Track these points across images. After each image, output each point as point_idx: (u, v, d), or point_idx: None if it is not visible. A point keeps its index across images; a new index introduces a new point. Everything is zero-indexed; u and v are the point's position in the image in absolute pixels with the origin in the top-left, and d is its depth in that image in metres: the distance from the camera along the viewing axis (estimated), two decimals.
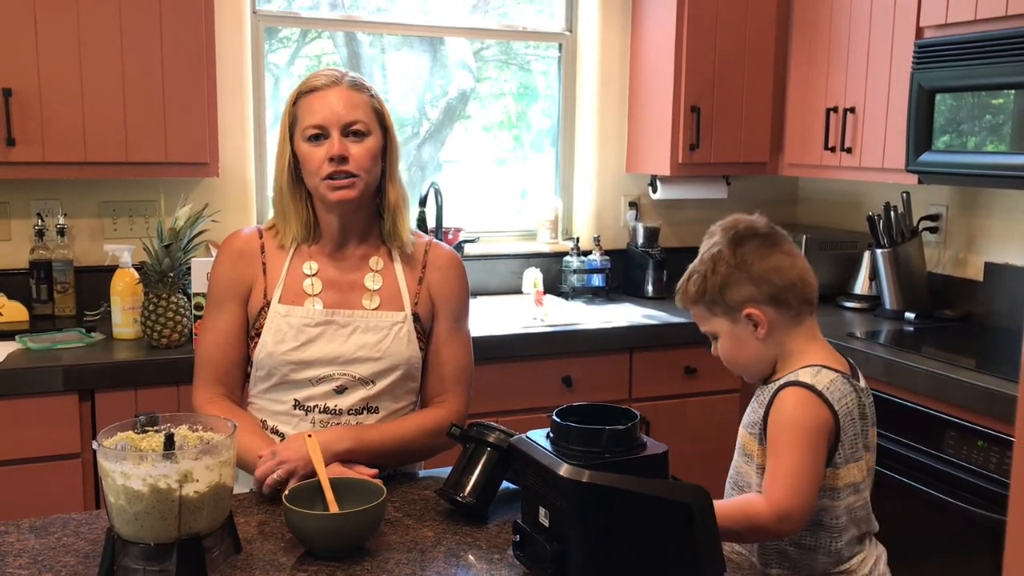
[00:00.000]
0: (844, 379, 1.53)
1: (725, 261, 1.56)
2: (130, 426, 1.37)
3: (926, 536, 2.43)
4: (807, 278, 1.57)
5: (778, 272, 1.54)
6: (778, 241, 1.58)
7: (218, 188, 3.07)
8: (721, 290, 1.56)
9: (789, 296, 1.55)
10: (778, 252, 1.56)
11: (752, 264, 1.55)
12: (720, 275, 1.56)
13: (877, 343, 2.75)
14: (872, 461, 1.59)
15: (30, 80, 2.55)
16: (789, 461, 1.46)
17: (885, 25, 2.91)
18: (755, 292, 1.55)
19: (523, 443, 1.35)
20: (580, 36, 3.59)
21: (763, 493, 1.48)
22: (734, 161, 3.41)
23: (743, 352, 1.60)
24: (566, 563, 1.25)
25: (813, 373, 1.51)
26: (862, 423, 1.55)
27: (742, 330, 1.57)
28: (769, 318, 1.55)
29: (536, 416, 2.73)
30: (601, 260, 3.47)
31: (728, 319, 1.58)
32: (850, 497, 1.52)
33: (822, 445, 1.47)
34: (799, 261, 1.58)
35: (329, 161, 1.67)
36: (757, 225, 1.60)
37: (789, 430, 1.47)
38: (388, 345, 1.73)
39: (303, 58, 3.43)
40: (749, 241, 1.57)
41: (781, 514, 1.44)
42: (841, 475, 1.51)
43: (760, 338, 1.56)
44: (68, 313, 2.87)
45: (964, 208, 3.11)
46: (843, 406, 1.50)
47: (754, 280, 1.55)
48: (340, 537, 1.39)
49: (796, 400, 1.49)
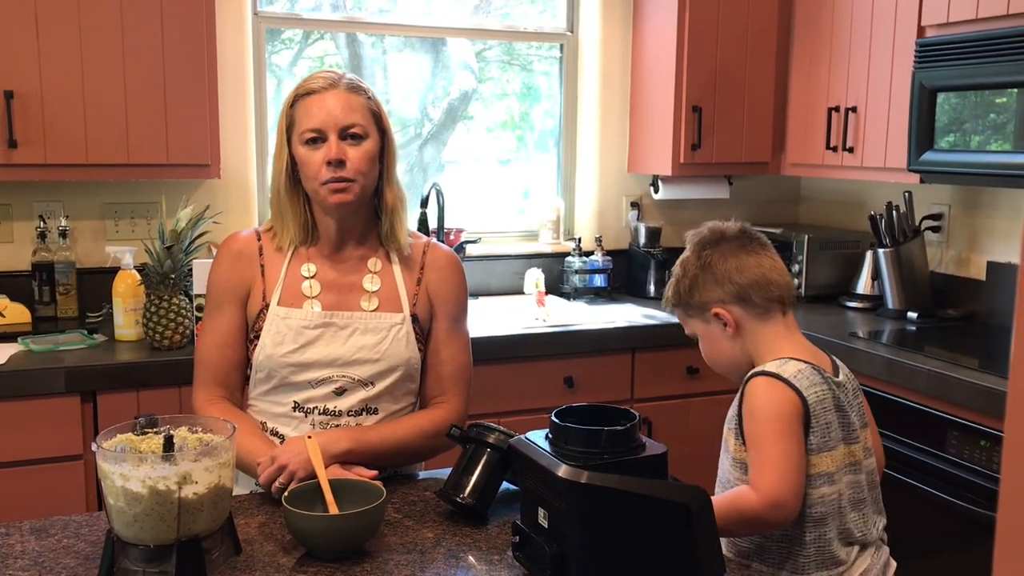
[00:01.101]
0: (814, 370, 1.57)
1: (692, 264, 1.65)
2: (129, 428, 1.37)
3: (928, 536, 2.42)
4: (771, 276, 1.62)
5: (740, 271, 1.61)
6: (744, 243, 1.64)
7: (220, 190, 3.08)
8: (691, 292, 1.65)
9: (752, 294, 1.61)
10: (742, 253, 1.63)
11: (715, 265, 1.63)
12: (689, 278, 1.65)
13: (879, 343, 2.74)
14: (859, 456, 1.59)
15: (32, 82, 2.55)
16: (772, 450, 1.49)
17: (887, 24, 2.90)
18: (720, 292, 1.62)
19: (522, 444, 1.35)
20: (581, 36, 3.59)
21: (751, 485, 1.50)
22: (736, 161, 3.40)
23: (718, 351, 1.68)
24: (565, 564, 1.24)
25: (779, 364, 1.57)
26: (839, 415, 1.57)
27: (714, 330, 1.66)
28: (736, 316, 1.62)
29: (538, 417, 2.73)
30: (603, 260, 3.46)
31: (701, 320, 1.67)
32: (824, 487, 1.53)
33: (799, 429, 1.51)
34: (764, 260, 1.63)
35: (327, 165, 1.67)
36: (724, 230, 1.66)
37: (765, 420, 1.52)
38: (387, 346, 1.73)
39: (306, 59, 3.43)
40: (714, 245, 1.65)
41: (772, 502, 1.46)
42: (813, 463, 1.53)
43: (730, 336, 1.64)
44: (70, 315, 2.88)
45: (966, 207, 3.11)
46: (812, 394, 1.53)
47: (718, 280, 1.62)
48: (340, 538, 1.39)
49: (764, 388, 1.54)
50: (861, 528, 1.58)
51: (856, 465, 1.59)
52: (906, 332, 2.91)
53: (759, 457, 1.51)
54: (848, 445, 1.58)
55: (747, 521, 1.49)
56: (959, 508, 2.28)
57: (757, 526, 1.50)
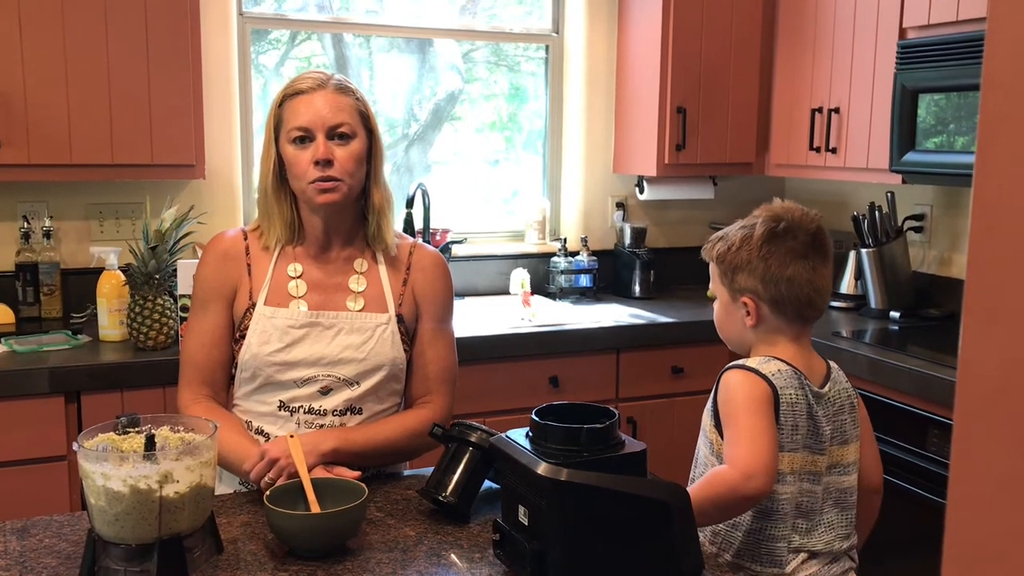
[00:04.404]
0: (794, 373, 1.57)
1: (751, 248, 1.60)
2: (111, 427, 1.37)
3: (909, 534, 2.44)
4: (816, 299, 1.60)
5: (790, 283, 1.58)
6: (809, 253, 1.59)
7: (204, 190, 3.07)
8: (735, 269, 1.62)
9: (789, 306, 1.60)
10: (801, 263, 1.58)
11: (771, 264, 1.59)
12: (741, 257, 1.61)
13: (862, 342, 2.76)
14: (820, 468, 1.58)
15: (15, 82, 2.55)
16: (745, 426, 1.51)
17: (869, 26, 2.92)
18: (761, 288, 1.60)
19: (502, 442, 1.36)
20: (567, 37, 3.60)
21: (726, 459, 1.52)
22: (720, 162, 3.42)
23: (729, 325, 1.69)
24: (545, 561, 1.25)
25: (762, 361, 1.58)
26: (809, 422, 1.57)
27: (736, 309, 1.65)
28: (762, 314, 1.62)
29: (523, 417, 2.70)
30: (588, 261, 3.47)
31: (729, 293, 1.66)
32: (777, 485, 1.53)
33: (771, 412, 1.52)
34: (817, 279, 1.59)
35: (314, 165, 1.67)
36: (798, 227, 1.60)
37: (738, 401, 1.53)
38: (372, 346, 1.73)
39: (293, 60, 3.43)
40: (782, 241, 1.59)
41: (745, 472, 1.46)
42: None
43: (748, 325, 1.64)
44: (54, 315, 2.87)
45: (948, 208, 3.13)
46: (785, 393, 1.54)
47: (765, 280, 1.59)
48: (321, 537, 1.40)
49: (738, 379, 1.56)
50: (805, 537, 1.57)
51: (815, 476, 1.58)
52: (889, 332, 2.93)
53: (733, 433, 1.52)
54: (812, 454, 1.57)
55: (722, 497, 1.47)
56: (940, 506, 2.30)
57: (733, 502, 1.48)
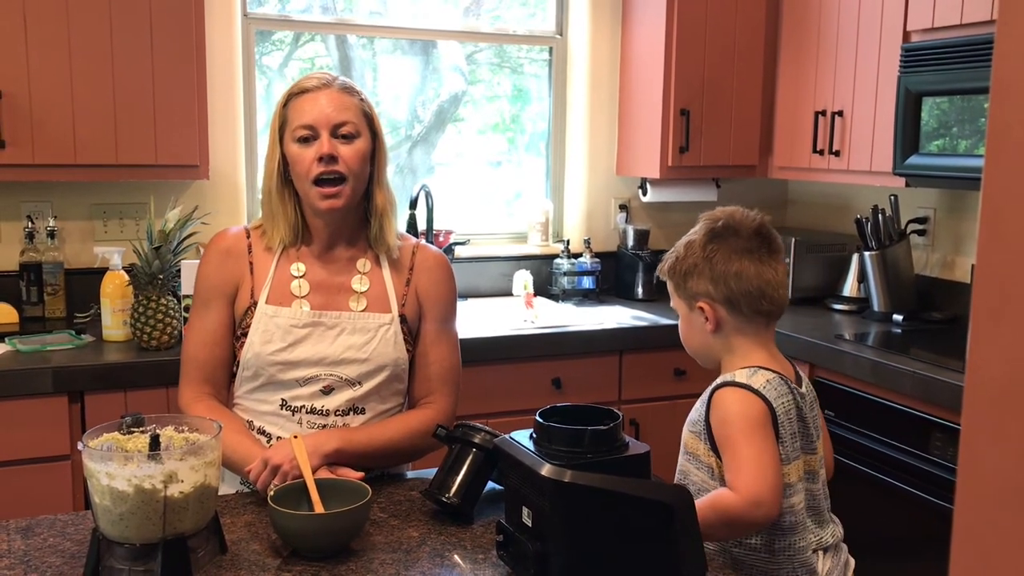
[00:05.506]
0: (781, 380, 1.56)
1: (695, 251, 1.61)
2: (116, 427, 1.38)
3: (913, 537, 2.44)
4: (767, 290, 1.58)
5: (739, 278, 1.57)
6: (754, 248, 1.58)
7: (208, 190, 3.08)
8: (684, 277, 1.62)
9: (743, 303, 1.58)
10: (747, 258, 1.57)
11: (717, 263, 1.58)
12: (687, 263, 1.62)
13: (865, 345, 2.76)
14: (814, 466, 1.59)
15: (20, 82, 2.55)
16: (747, 451, 1.48)
17: (872, 29, 2.92)
18: (712, 290, 1.59)
19: (506, 444, 1.36)
20: (570, 39, 3.61)
21: (729, 485, 1.48)
22: (723, 164, 3.42)
23: (692, 337, 1.67)
24: (548, 563, 1.25)
25: (749, 374, 1.55)
26: (801, 425, 1.57)
27: (695, 318, 1.64)
28: (719, 316, 1.61)
29: (526, 418, 2.70)
30: (591, 262, 3.48)
31: (685, 304, 1.65)
32: (793, 497, 1.53)
33: (771, 431, 1.50)
34: (767, 271, 1.58)
35: (318, 161, 1.68)
36: (740, 225, 1.60)
37: (737, 424, 1.50)
38: (375, 346, 1.74)
39: (297, 61, 3.44)
40: (724, 240, 1.59)
41: (752, 500, 1.44)
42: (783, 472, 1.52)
43: (708, 331, 1.62)
44: (58, 315, 2.88)
45: (951, 211, 3.13)
46: (780, 404, 1.53)
47: (714, 279, 1.59)
48: (325, 537, 1.40)
49: (733, 398, 1.53)
50: (819, 534, 1.57)
51: (813, 474, 1.58)
52: (891, 334, 2.93)
53: (734, 459, 1.49)
54: (806, 455, 1.57)
55: (729, 522, 1.46)
56: (943, 509, 2.30)
57: (739, 524, 1.48)
